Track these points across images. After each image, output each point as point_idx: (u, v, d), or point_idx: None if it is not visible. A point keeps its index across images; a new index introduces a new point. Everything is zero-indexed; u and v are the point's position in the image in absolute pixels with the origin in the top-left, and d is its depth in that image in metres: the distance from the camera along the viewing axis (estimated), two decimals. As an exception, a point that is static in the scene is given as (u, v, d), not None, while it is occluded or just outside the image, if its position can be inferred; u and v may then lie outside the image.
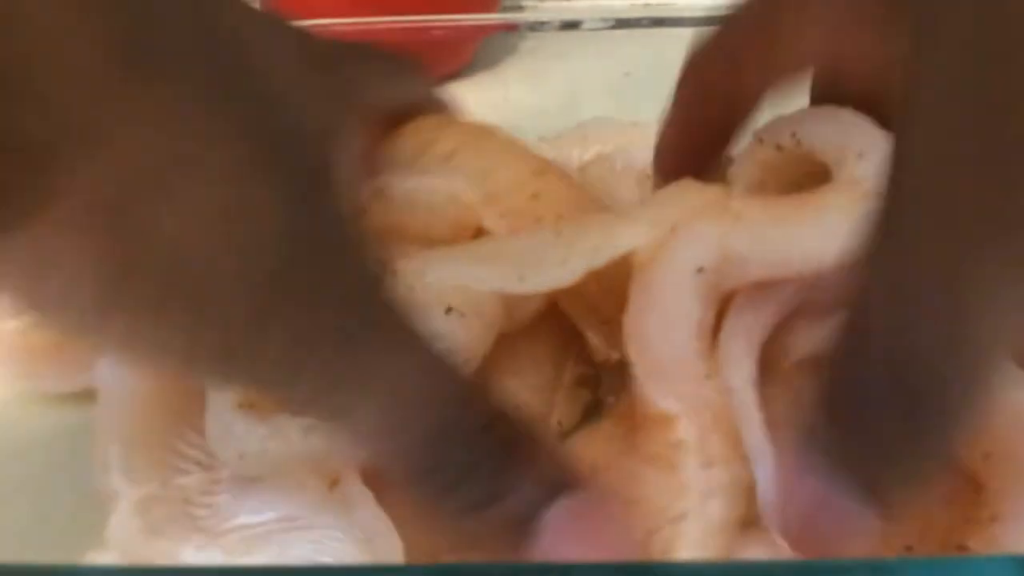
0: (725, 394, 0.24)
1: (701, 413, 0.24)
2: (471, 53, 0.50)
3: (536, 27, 0.49)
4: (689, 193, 0.28)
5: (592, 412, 0.30)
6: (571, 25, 0.48)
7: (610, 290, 0.28)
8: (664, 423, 0.24)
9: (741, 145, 0.31)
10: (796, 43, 0.28)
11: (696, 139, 0.31)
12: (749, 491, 0.23)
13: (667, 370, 0.25)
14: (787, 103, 0.30)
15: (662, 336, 0.25)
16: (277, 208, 0.21)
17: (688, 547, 0.22)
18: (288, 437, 0.25)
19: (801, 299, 0.26)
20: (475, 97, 0.49)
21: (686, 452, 0.23)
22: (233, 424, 0.25)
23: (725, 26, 0.29)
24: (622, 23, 0.48)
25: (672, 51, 0.47)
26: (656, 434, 0.24)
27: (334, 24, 0.43)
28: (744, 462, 0.23)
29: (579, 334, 0.30)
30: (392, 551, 0.25)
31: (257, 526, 0.26)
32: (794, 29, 0.28)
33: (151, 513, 0.26)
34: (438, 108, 0.34)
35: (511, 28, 0.50)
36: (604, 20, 0.48)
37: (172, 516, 0.26)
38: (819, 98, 0.30)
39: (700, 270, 0.25)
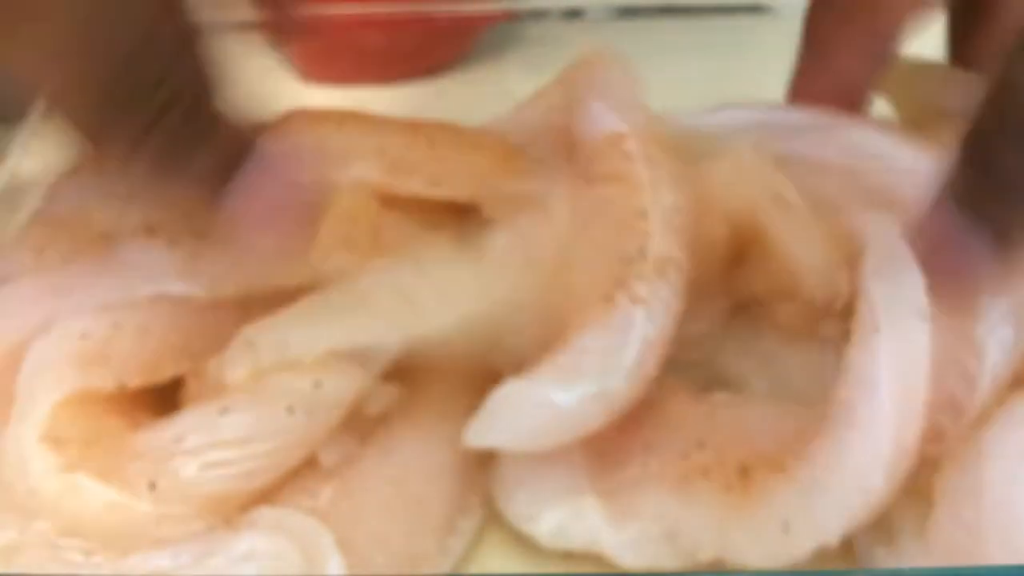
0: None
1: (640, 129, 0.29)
2: (470, 43, 0.48)
3: (538, 16, 0.48)
4: None
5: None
6: (573, 14, 0.47)
7: None
8: (616, 140, 0.29)
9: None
10: None
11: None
12: (684, 181, 0.29)
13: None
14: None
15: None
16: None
17: (657, 234, 0.27)
18: (83, 495, 0.23)
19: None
20: (475, 89, 0.48)
21: (635, 159, 0.29)
22: (31, 457, 0.24)
23: None
24: (625, 12, 0.47)
25: (676, 40, 0.45)
26: (610, 152, 0.29)
27: (332, 12, 0.43)
28: (680, 160, 0.29)
29: None
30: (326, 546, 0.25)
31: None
32: None
33: (17, 563, 0.25)
34: None
35: (512, 17, 0.48)
36: (607, 9, 0.47)
37: (41, 564, 0.25)
38: None
39: None
